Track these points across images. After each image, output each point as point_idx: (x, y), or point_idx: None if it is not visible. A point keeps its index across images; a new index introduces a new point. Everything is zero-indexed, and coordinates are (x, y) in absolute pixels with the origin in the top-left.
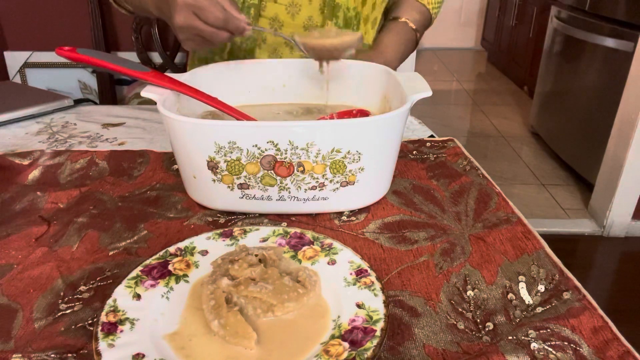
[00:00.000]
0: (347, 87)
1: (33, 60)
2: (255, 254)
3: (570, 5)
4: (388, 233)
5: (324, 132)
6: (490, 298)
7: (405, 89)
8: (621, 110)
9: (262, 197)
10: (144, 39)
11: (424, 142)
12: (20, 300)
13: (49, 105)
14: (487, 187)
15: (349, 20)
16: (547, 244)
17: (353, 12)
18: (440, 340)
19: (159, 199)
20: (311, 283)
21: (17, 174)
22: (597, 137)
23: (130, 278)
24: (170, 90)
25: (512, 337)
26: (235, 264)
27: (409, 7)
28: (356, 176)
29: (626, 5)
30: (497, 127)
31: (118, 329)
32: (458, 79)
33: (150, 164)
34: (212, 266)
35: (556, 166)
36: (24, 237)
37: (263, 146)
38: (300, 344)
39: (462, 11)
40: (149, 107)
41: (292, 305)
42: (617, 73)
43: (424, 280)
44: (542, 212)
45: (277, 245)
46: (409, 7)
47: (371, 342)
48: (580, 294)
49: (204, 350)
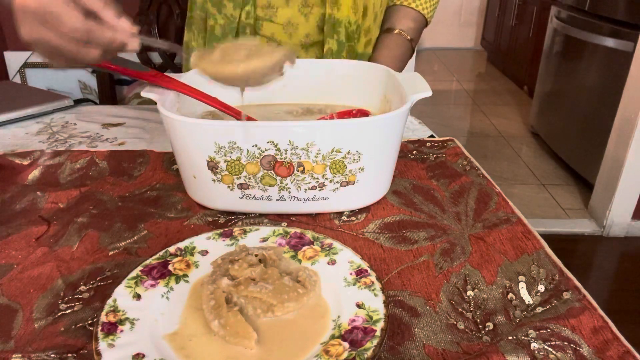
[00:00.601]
0: (347, 87)
1: (33, 60)
2: (255, 254)
3: (570, 5)
4: (388, 233)
5: (324, 132)
6: (490, 298)
7: (405, 89)
8: (621, 110)
9: (262, 197)
10: None
11: (424, 142)
12: (20, 300)
13: (49, 105)
14: (487, 187)
15: (351, 35)
16: (547, 244)
17: (354, 25)
18: (440, 340)
19: (159, 199)
20: (311, 283)
21: (17, 174)
22: (597, 137)
23: (130, 278)
24: (171, 90)
25: (512, 337)
26: (235, 264)
27: (403, 15)
28: (356, 176)
29: (626, 5)
30: (497, 127)
31: (118, 329)
32: (458, 79)
33: (150, 164)
34: (212, 266)
35: (556, 166)
36: (24, 237)
37: (263, 146)
38: (300, 344)
39: (462, 11)
40: (149, 107)
41: (292, 305)
42: (617, 73)
43: (424, 280)
44: (542, 212)
45: (277, 245)
46: (403, 15)
47: (371, 342)
48: (580, 294)
49: (204, 350)
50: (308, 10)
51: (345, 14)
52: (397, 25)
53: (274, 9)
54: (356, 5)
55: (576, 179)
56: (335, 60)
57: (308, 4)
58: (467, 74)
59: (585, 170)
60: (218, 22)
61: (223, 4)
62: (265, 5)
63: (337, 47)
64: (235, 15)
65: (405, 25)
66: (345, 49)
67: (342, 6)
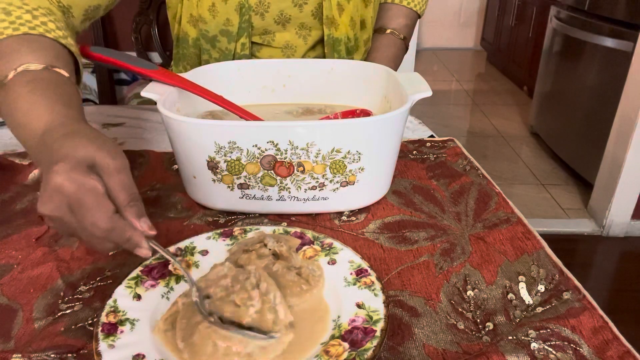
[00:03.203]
0: (348, 87)
1: None
2: (269, 247)
3: (570, 5)
4: (388, 233)
5: (324, 132)
6: (490, 298)
7: (405, 89)
8: (620, 110)
9: (262, 197)
10: (144, 39)
11: (424, 142)
12: (20, 300)
13: None
14: (487, 187)
15: (351, 49)
16: (547, 244)
17: (353, 40)
18: (440, 340)
19: (159, 199)
20: (314, 279)
21: (17, 174)
22: (596, 137)
23: (131, 278)
24: (177, 87)
25: (512, 337)
26: (245, 255)
27: (394, 14)
28: (356, 176)
29: (625, 5)
30: (497, 127)
31: (118, 329)
32: (458, 79)
33: (150, 164)
34: (229, 253)
35: (556, 166)
36: (24, 237)
37: (263, 146)
38: (300, 344)
39: (462, 11)
40: (149, 107)
41: (294, 301)
42: (617, 73)
43: (424, 280)
44: (542, 212)
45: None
46: (394, 14)
47: (371, 343)
48: (580, 294)
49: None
50: (306, 33)
51: (344, 32)
52: (389, 24)
53: (272, 34)
54: (353, 21)
55: (576, 179)
56: (336, 60)
57: (305, 26)
58: (466, 74)
59: (584, 170)
60: (212, 56)
61: (217, 39)
62: (261, 32)
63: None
64: (230, 48)
65: (397, 24)
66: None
67: (339, 25)
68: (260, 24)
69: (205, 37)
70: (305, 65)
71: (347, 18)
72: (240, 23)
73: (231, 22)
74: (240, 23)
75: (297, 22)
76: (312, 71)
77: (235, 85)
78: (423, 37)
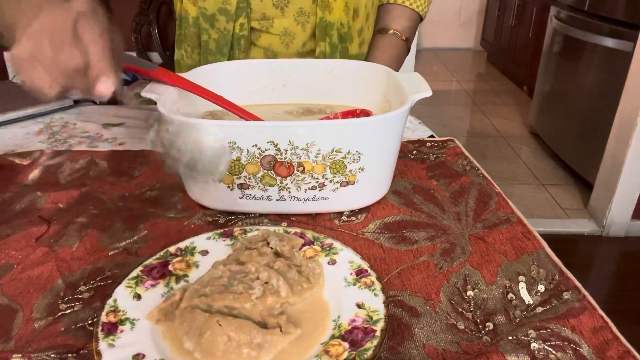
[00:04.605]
0: (348, 87)
1: None
2: (272, 246)
3: (570, 5)
4: (388, 233)
5: (324, 132)
6: (490, 298)
7: (405, 89)
8: (620, 110)
9: (262, 197)
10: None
11: (424, 142)
12: (20, 300)
13: (49, 105)
14: (487, 187)
15: (344, 36)
16: (547, 244)
17: (346, 27)
18: (440, 340)
19: (159, 199)
20: (315, 277)
21: (17, 174)
22: (596, 137)
23: (131, 278)
24: (177, 87)
25: (512, 337)
26: (246, 252)
27: (397, 15)
28: (356, 176)
29: (625, 5)
30: (497, 127)
31: (118, 329)
32: (458, 79)
33: (150, 164)
34: (232, 250)
35: (556, 166)
36: (24, 237)
37: (263, 146)
38: (301, 344)
39: (462, 11)
40: (149, 107)
41: (294, 299)
42: (617, 73)
43: (424, 280)
44: (542, 212)
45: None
46: (397, 15)
47: (371, 343)
48: (580, 294)
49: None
50: (305, 19)
51: (338, 17)
52: (391, 25)
53: (270, 20)
54: (348, 7)
55: (576, 179)
56: (336, 60)
57: (304, 12)
58: (466, 74)
59: (584, 170)
60: (212, 36)
61: (216, 18)
62: (260, 17)
63: (329, 50)
64: (228, 28)
65: (399, 25)
66: (338, 51)
67: (334, 10)
68: (259, 6)
69: (204, 15)
70: (305, 65)
71: (342, 3)
72: (238, 2)
73: (229, 0)
74: (238, 2)
75: (296, 7)
76: (312, 71)
77: (235, 85)
78: (423, 37)
